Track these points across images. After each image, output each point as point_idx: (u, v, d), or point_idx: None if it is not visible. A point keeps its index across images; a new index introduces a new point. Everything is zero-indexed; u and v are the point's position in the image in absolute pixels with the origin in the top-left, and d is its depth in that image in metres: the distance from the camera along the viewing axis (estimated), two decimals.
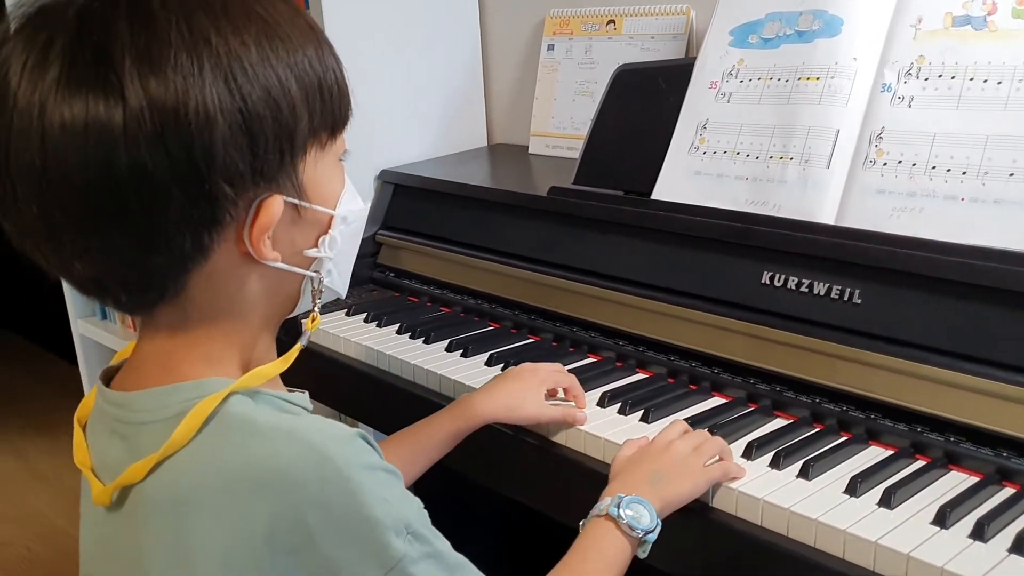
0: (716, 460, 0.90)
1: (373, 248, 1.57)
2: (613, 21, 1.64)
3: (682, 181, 1.21)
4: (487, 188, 1.46)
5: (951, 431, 0.92)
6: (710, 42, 1.24)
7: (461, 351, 1.24)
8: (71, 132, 0.59)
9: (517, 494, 1.11)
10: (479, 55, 1.86)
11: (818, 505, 0.85)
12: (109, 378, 0.74)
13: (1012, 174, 0.95)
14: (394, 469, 0.68)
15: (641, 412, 1.04)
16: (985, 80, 1.00)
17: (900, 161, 1.03)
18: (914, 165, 1.02)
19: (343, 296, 0.78)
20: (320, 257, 0.72)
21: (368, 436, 0.68)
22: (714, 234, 1.13)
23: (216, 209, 0.63)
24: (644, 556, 0.83)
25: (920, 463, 0.91)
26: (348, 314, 1.42)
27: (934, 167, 1.01)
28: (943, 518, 0.81)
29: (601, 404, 1.07)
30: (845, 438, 0.97)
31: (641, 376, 1.16)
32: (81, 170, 0.60)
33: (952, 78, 1.02)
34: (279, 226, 0.67)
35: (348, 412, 1.42)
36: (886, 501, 0.84)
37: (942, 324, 0.94)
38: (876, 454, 0.94)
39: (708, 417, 1.02)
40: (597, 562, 0.80)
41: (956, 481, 0.88)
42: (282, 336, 0.76)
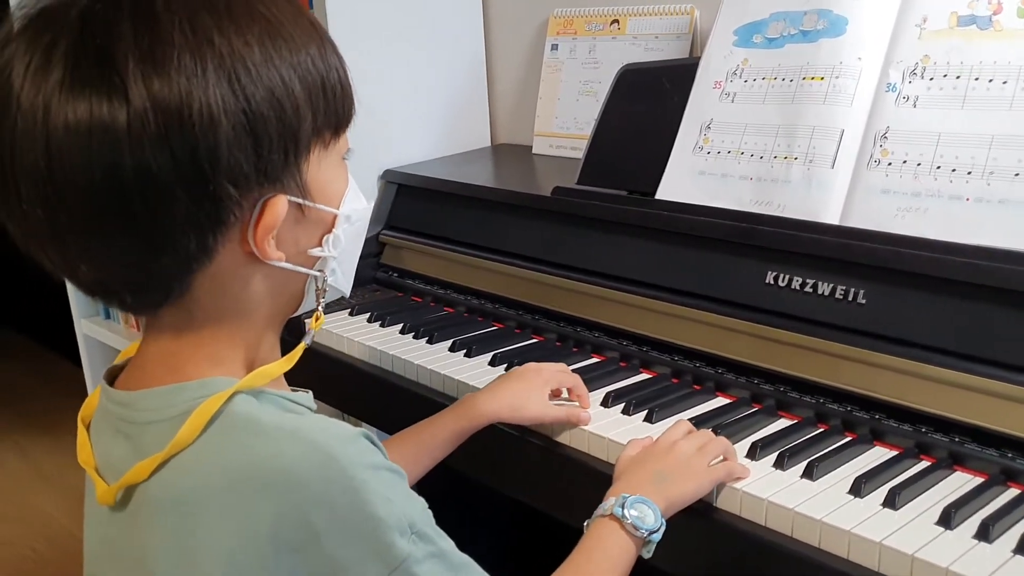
0: (720, 460, 0.90)
1: (376, 248, 1.57)
2: (617, 21, 1.63)
3: (686, 181, 1.21)
4: (491, 188, 1.46)
5: (956, 432, 0.92)
6: (714, 42, 1.24)
7: (465, 351, 1.24)
8: (75, 134, 0.59)
9: (521, 494, 1.11)
10: (483, 55, 1.85)
11: (822, 505, 0.84)
12: (113, 377, 0.74)
13: (1017, 174, 0.95)
14: (398, 469, 0.68)
15: (645, 412, 1.04)
16: (990, 80, 0.99)
17: (905, 161, 1.03)
18: (919, 165, 1.02)
19: (347, 295, 0.78)
20: (324, 256, 0.72)
21: (372, 436, 0.68)
22: (718, 234, 1.13)
23: (220, 210, 0.63)
24: (648, 556, 0.83)
25: (925, 464, 0.91)
26: (351, 314, 1.42)
27: (939, 167, 1.01)
28: (948, 519, 0.81)
29: (605, 404, 1.07)
30: (849, 438, 0.97)
31: (645, 376, 1.16)
32: (85, 172, 0.60)
33: (957, 78, 1.02)
34: (283, 226, 0.67)
35: (351, 412, 1.42)
36: (891, 502, 0.84)
37: (947, 324, 0.94)
38: (881, 454, 0.94)
39: (712, 417, 1.02)
40: (602, 562, 0.80)
41: (961, 482, 0.88)
42: (286, 336, 0.76)
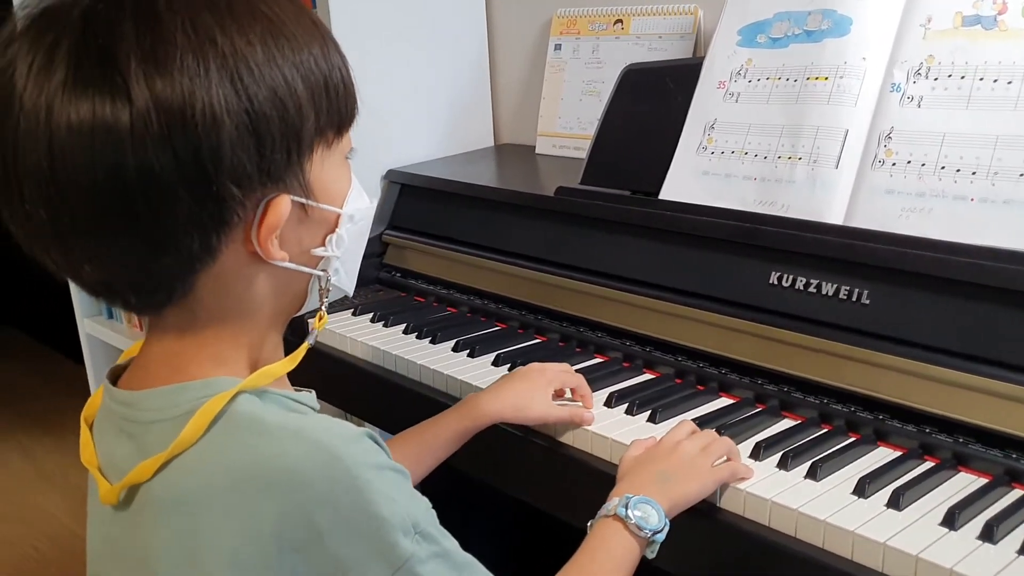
0: (724, 460, 0.90)
1: (379, 248, 1.57)
2: (620, 21, 1.63)
3: (690, 181, 1.21)
4: (494, 188, 1.46)
5: (960, 432, 0.92)
6: (718, 42, 1.24)
7: (468, 351, 1.24)
8: (78, 134, 0.59)
9: (524, 494, 1.11)
10: (486, 54, 1.85)
11: (826, 506, 0.84)
12: (116, 377, 0.74)
13: (1022, 174, 0.95)
14: (402, 468, 0.68)
15: (648, 412, 1.04)
16: (995, 80, 0.99)
17: (909, 161, 1.03)
18: (923, 165, 1.02)
19: (350, 294, 0.78)
20: (327, 256, 0.72)
21: (376, 435, 0.68)
22: (722, 234, 1.13)
23: (223, 210, 0.63)
24: (652, 556, 0.83)
25: (929, 464, 0.91)
26: (355, 314, 1.42)
27: (943, 167, 1.00)
28: (952, 519, 0.81)
29: (608, 404, 1.06)
30: (853, 439, 0.96)
31: (648, 376, 1.16)
32: (88, 172, 0.60)
33: (962, 78, 1.02)
34: (286, 226, 0.67)
35: (355, 412, 1.42)
36: (895, 502, 0.84)
37: (951, 325, 0.93)
38: (885, 455, 0.93)
39: (716, 417, 1.02)
40: (605, 562, 0.80)
41: (965, 482, 0.88)
42: (289, 335, 0.76)
